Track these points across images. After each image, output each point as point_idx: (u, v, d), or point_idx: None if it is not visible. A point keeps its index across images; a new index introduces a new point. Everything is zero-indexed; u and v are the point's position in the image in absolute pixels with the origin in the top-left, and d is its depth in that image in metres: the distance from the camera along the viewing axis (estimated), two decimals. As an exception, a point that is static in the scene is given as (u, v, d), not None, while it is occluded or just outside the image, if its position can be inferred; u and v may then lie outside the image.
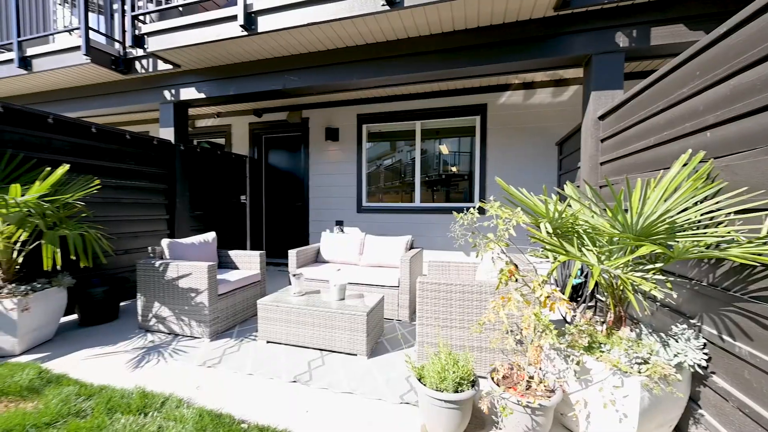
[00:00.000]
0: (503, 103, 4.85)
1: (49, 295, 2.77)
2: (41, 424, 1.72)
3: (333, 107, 5.69)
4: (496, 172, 4.86)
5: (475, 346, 2.24)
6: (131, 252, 3.96)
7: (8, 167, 2.80)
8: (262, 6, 3.12)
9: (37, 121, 3.12)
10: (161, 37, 3.59)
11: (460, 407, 1.63)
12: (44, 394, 2.01)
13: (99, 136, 3.63)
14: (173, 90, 4.35)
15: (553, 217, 1.62)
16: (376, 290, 3.38)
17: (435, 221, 5.20)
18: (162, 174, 4.36)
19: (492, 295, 2.13)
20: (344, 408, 1.96)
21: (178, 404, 1.93)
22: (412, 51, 3.37)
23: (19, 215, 2.47)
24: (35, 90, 5.09)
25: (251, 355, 2.62)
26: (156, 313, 3.07)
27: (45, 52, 4.18)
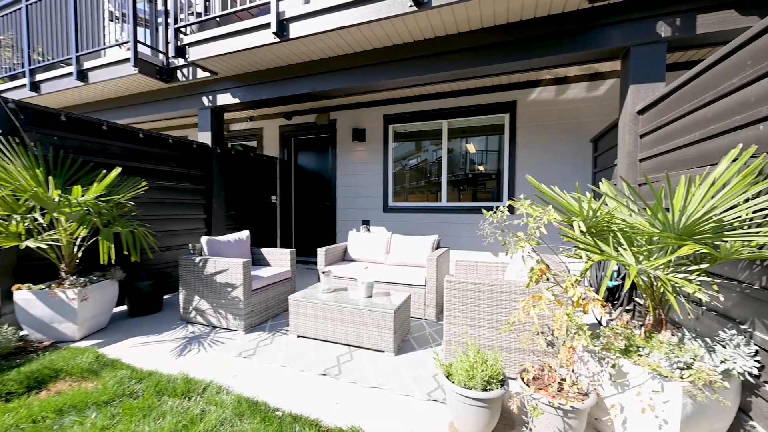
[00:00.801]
0: (534, 100, 4.72)
1: (103, 287, 3.03)
2: (100, 402, 1.90)
3: (360, 108, 5.78)
4: (526, 170, 4.74)
5: (504, 346, 2.21)
6: (173, 249, 4.23)
7: (70, 170, 3.10)
8: (293, 13, 3.24)
9: (93, 128, 3.42)
10: (200, 47, 3.81)
11: (489, 406, 1.63)
12: (102, 375, 2.22)
13: (145, 141, 3.92)
14: (210, 96, 4.61)
15: (587, 215, 1.58)
16: (402, 289, 3.41)
17: (462, 221, 5.15)
18: (200, 176, 4.63)
19: (521, 294, 2.10)
20: (373, 402, 2.01)
21: (218, 391, 2.06)
22: (438, 50, 3.37)
23: (80, 214, 2.72)
24: (89, 100, 5.56)
25: (283, 348, 2.73)
26: (196, 306, 3.27)
27: (99, 65, 4.57)
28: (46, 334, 2.81)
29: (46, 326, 2.78)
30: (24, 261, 2.89)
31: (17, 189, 2.56)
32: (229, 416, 1.79)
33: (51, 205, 2.58)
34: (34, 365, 2.32)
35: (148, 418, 1.76)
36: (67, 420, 1.75)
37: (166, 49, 4.45)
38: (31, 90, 5.09)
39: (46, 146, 3.00)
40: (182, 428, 1.68)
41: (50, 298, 2.72)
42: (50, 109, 3.07)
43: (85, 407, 1.86)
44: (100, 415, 1.79)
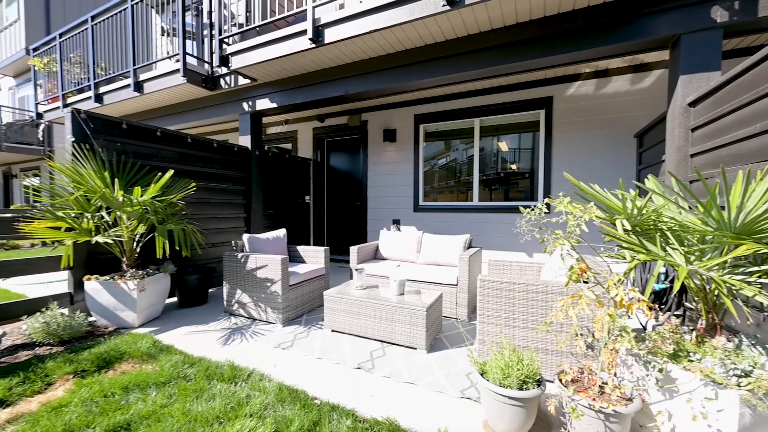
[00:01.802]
0: (572, 95, 4.53)
1: (158, 280, 3.32)
2: (159, 383, 2.10)
3: (390, 109, 5.84)
4: (563, 168, 4.56)
5: (540, 347, 2.16)
6: (216, 245, 4.52)
7: (130, 173, 3.42)
8: (328, 19, 3.36)
9: (149, 134, 3.74)
10: (242, 56, 4.05)
11: (525, 405, 1.61)
12: (159, 359, 2.44)
13: (193, 145, 4.22)
14: (250, 101, 4.87)
15: (632, 213, 1.52)
16: (433, 288, 3.42)
17: (494, 220, 5.05)
18: (241, 177, 4.91)
19: (559, 295, 2.05)
20: (406, 397, 2.05)
21: (261, 378, 2.19)
22: (471, 48, 3.35)
23: (139, 212, 3.00)
24: (143, 108, 6.08)
25: (318, 342, 2.84)
26: (238, 299, 3.48)
27: (152, 76, 4.98)
28: (110, 321, 3.13)
29: (110, 313, 3.09)
30: (92, 255, 3.24)
31: (89, 190, 2.88)
32: (271, 401, 1.90)
33: (116, 205, 2.88)
34: (102, 347, 2.59)
35: (200, 399, 1.92)
36: (132, 397, 1.95)
37: (210, 59, 4.77)
38: (96, 101, 5.65)
39: (111, 151, 3.34)
40: (230, 410, 1.82)
41: (114, 288, 3.03)
42: (114, 118, 3.41)
43: (146, 386, 2.06)
44: (159, 394, 1.97)
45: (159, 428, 1.66)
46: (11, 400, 1.95)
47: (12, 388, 2.04)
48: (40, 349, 2.67)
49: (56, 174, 3.03)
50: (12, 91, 12.27)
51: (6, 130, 10.12)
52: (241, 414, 1.78)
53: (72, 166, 2.93)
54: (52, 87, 6.75)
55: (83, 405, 1.86)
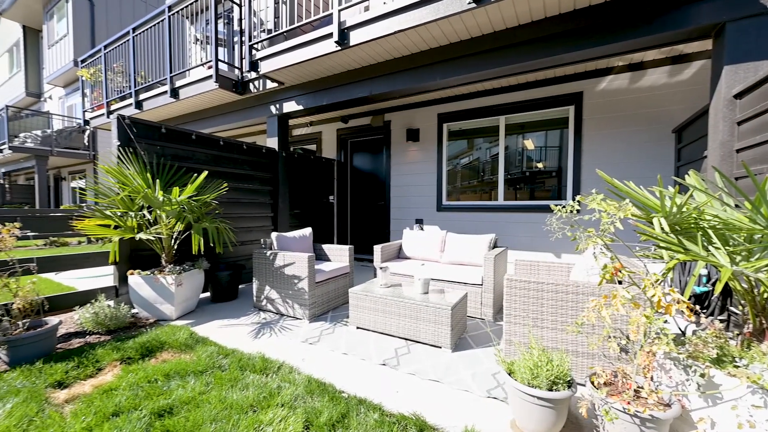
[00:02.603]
0: (603, 90, 4.36)
1: (193, 275, 3.50)
2: (197, 371, 2.23)
3: (413, 108, 5.85)
4: (594, 166, 4.40)
5: (570, 349, 2.11)
6: (245, 244, 4.70)
7: (168, 174, 3.62)
8: (354, 21, 3.42)
9: (185, 138, 3.96)
10: (270, 61, 4.20)
11: (555, 406, 1.58)
12: (196, 350, 2.58)
13: (224, 148, 4.42)
14: (278, 104, 5.03)
15: (670, 211, 1.46)
16: (457, 287, 3.40)
17: (519, 220, 4.94)
18: (268, 177, 5.08)
19: (590, 296, 1.99)
20: (432, 394, 2.06)
21: (290, 370, 2.27)
22: (497, 45, 3.30)
23: (177, 211, 3.19)
24: (178, 114, 6.41)
25: (344, 338, 2.90)
26: (267, 295, 3.61)
27: (186, 83, 5.25)
28: (150, 313, 3.34)
29: (150, 306, 3.30)
30: (135, 251, 3.47)
31: (133, 191, 3.09)
32: (301, 393, 1.97)
33: (157, 204, 3.07)
34: (144, 337, 2.77)
35: (235, 388, 2.02)
36: (173, 383, 2.08)
37: (240, 65, 4.97)
38: (136, 108, 6.03)
39: (151, 154, 3.56)
40: (263, 399, 1.90)
41: (154, 282, 3.23)
42: (154, 123, 3.64)
43: (185, 374, 2.19)
44: (197, 382, 2.09)
45: (199, 413, 1.76)
46: (68, 382, 2.14)
47: (68, 371, 2.23)
48: (90, 337, 2.89)
49: (103, 175, 3.27)
50: (61, 100, 13.29)
51: (57, 137, 10.98)
52: (273, 403, 1.86)
53: (118, 169, 3.15)
54: (98, 95, 7.26)
55: (130, 389, 2.00)
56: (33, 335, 2.39)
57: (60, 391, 2.05)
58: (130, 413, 1.76)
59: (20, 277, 2.59)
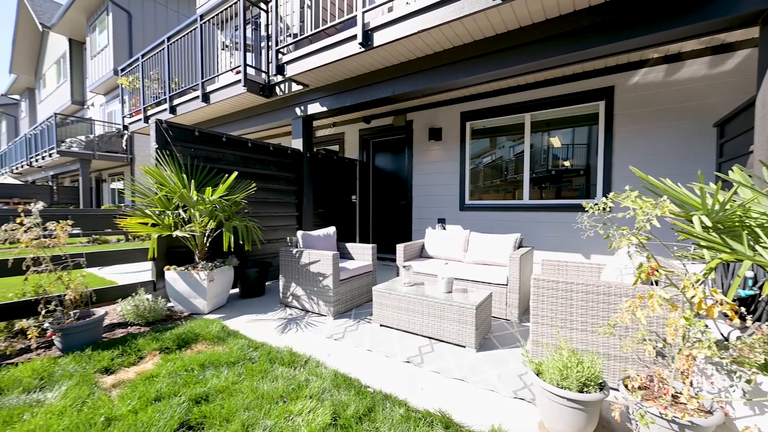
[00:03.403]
0: (636, 84, 4.18)
1: (224, 272, 3.66)
2: (229, 362, 2.33)
3: (436, 107, 5.83)
4: (626, 163, 4.22)
5: (600, 352, 2.04)
6: (272, 242, 4.85)
7: (200, 175, 3.80)
8: (377, 23, 3.46)
9: (216, 140, 4.14)
10: (296, 64, 4.32)
11: (586, 409, 1.55)
12: (227, 342, 2.70)
13: (252, 149, 4.58)
14: (303, 106, 5.16)
15: (712, 208, 1.39)
16: (481, 287, 3.36)
17: (545, 219, 4.81)
18: (293, 178, 5.21)
19: (622, 297, 1.92)
20: (457, 392, 2.05)
21: (317, 365, 2.34)
22: (523, 41, 3.23)
23: (209, 210, 3.34)
24: (208, 117, 6.70)
25: (368, 335, 2.95)
26: (292, 292, 3.72)
27: (216, 87, 5.48)
28: (185, 306, 3.52)
29: (185, 300, 3.48)
30: (170, 248, 3.66)
31: (170, 191, 3.27)
32: (328, 386, 2.03)
33: (191, 203, 3.23)
34: (180, 329, 2.93)
35: (265, 379, 2.11)
36: (208, 373, 2.19)
37: (267, 69, 5.14)
38: (170, 112, 6.36)
39: (185, 156, 3.75)
40: (292, 391, 1.97)
41: (188, 277, 3.40)
42: (188, 127, 3.83)
43: (219, 365, 2.30)
44: (230, 372, 2.19)
45: (233, 402, 1.85)
46: (114, 369, 2.30)
47: (114, 359, 2.40)
48: (131, 328, 3.09)
49: (141, 176, 3.49)
50: (102, 107, 14.20)
51: (98, 141, 11.75)
52: (302, 395, 1.92)
53: (157, 170, 3.35)
54: (135, 102, 7.70)
55: (170, 377, 2.13)
56: (83, 324, 2.58)
57: (107, 377, 2.21)
58: (171, 399, 1.87)
59: (71, 271, 2.80)
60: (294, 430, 1.64)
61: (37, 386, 2.05)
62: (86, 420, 1.68)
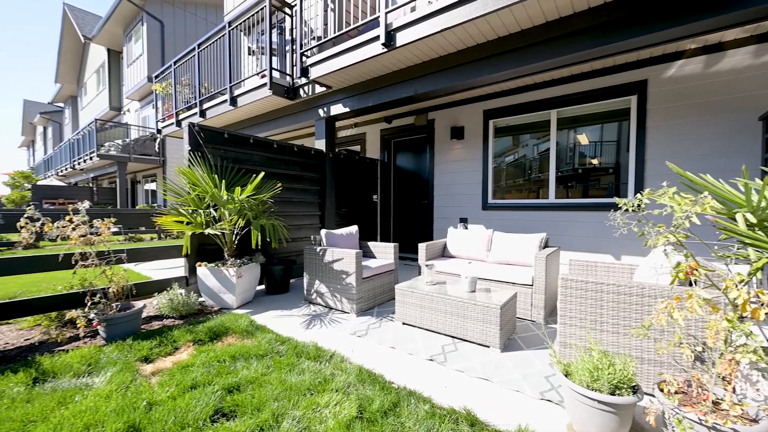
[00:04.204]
0: (672, 76, 3.98)
1: (251, 269, 3.79)
2: (258, 355, 2.42)
3: (458, 106, 5.78)
4: (660, 160, 4.03)
5: (633, 355, 1.97)
6: (296, 240, 4.97)
7: (229, 175, 3.96)
8: (400, 23, 3.48)
9: (243, 142, 4.29)
10: (319, 66, 4.41)
11: (618, 412, 1.50)
12: (256, 336, 2.80)
13: (277, 150, 4.72)
14: (325, 108, 5.25)
15: (758, 205, 1.31)
16: (505, 287, 3.31)
17: (572, 219, 4.67)
18: (316, 178, 5.32)
19: (657, 299, 1.84)
20: (481, 392, 2.04)
21: (342, 360, 2.39)
22: (550, 36, 3.15)
23: (238, 208, 3.48)
24: (235, 120, 6.95)
25: (391, 333, 2.97)
26: (316, 289, 3.80)
27: (243, 91, 5.67)
28: (215, 301, 3.67)
29: (215, 295, 3.63)
30: (202, 245, 3.84)
31: (202, 190, 3.43)
32: (353, 381, 2.07)
33: (222, 202, 3.38)
34: (211, 323, 3.07)
35: (292, 372, 2.18)
36: (239, 364, 2.29)
37: (291, 72, 5.27)
38: (200, 116, 6.64)
39: (215, 157, 3.91)
40: (319, 384, 2.03)
41: (218, 273, 3.55)
42: (218, 129, 4.00)
43: (248, 357, 2.39)
44: (259, 364, 2.28)
45: (263, 392, 1.93)
46: (152, 358, 2.44)
47: (152, 348, 2.54)
48: (166, 320, 3.26)
49: (175, 177, 3.67)
50: (137, 112, 15.01)
51: (134, 144, 12.43)
52: (328, 388, 1.97)
53: (191, 171, 3.52)
54: (168, 106, 8.10)
55: (203, 367, 2.24)
56: (125, 315, 2.76)
57: (146, 365, 2.35)
58: (205, 387, 1.97)
59: (114, 266, 3.00)
60: (321, 421, 1.68)
61: (85, 371, 2.21)
62: (130, 403, 1.80)
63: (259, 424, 1.66)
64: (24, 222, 2.58)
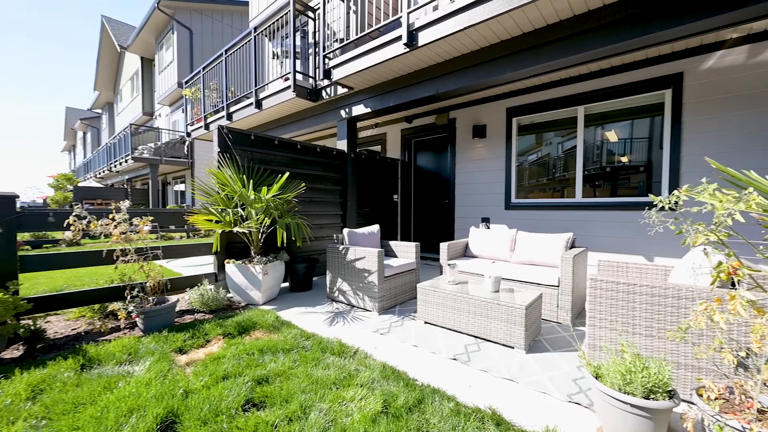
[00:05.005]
0: (711, 68, 3.77)
1: (276, 266, 3.90)
2: (285, 349, 2.50)
3: (480, 104, 5.71)
4: (698, 157, 3.82)
5: (669, 360, 1.89)
6: (318, 239, 5.07)
7: (255, 176, 4.09)
8: (422, 22, 3.49)
9: (269, 143, 4.42)
10: (342, 68, 4.47)
11: (653, 417, 1.45)
12: (282, 331, 2.89)
13: (301, 151, 4.83)
14: (347, 108, 5.33)
15: (810, 202, 1.23)
16: (529, 288, 3.24)
17: (600, 219, 4.51)
18: (338, 177, 5.40)
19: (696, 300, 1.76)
20: (507, 392, 2.02)
21: (365, 356, 2.42)
22: (578, 30, 3.06)
23: (264, 207, 3.59)
24: (260, 122, 7.15)
25: (413, 331, 2.98)
26: (338, 287, 3.86)
27: (268, 94, 5.84)
28: (242, 297, 3.81)
29: (242, 291, 3.77)
30: (230, 243, 3.99)
31: (231, 190, 3.57)
32: (377, 377, 2.10)
33: (249, 202, 3.50)
34: (239, 318, 3.18)
35: (318, 366, 2.23)
36: (266, 358, 2.37)
37: (314, 74, 5.38)
38: (227, 119, 6.89)
39: (243, 158, 4.06)
40: (344, 378, 2.07)
41: (246, 270, 3.68)
42: (245, 131, 4.14)
43: (275, 351, 2.47)
44: (286, 358, 2.35)
45: (290, 384, 1.99)
46: (186, 349, 2.57)
47: (185, 340, 2.67)
48: (197, 314, 3.42)
49: (205, 177, 3.83)
50: (168, 117, 15.73)
51: (164, 147, 13.04)
52: (353, 383, 2.01)
53: (221, 172, 3.67)
54: (197, 110, 8.45)
55: (234, 359, 2.34)
56: (161, 309, 2.92)
57: (181, 356, 2.47)
58: (236, 378, 2.06)
59: (150, 262, 3.17)
60: (347, 414, 1.72)
61: (126, 360, 2.35)
62: (168, 391, 1.90)
63: (288, 414, 1.71)
64: (72, 220, 2.77)
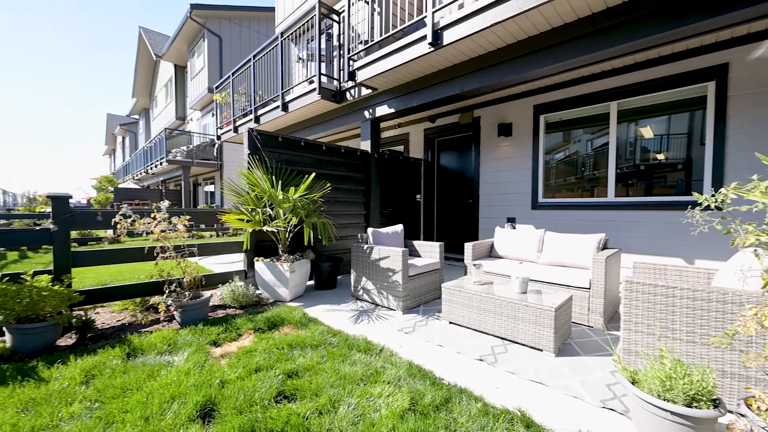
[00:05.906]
0: (760, 58, 3.51)
1: (302, 265, 4.00)
2: (312, 345, 2.57)
3: (506, 102, 5.60)
4: (744, 153, 3.57)
5: (713, 367, 1.79)
6: (342, 239, 5.15)
7: (283, 176, 4.22)
8: (447, 21, 3.47)
9: (295, 144, 4.55)
10: (366, 69, 4.53)
11: (697, 426, 1.38)
12: (309, 327, 2.97)
13: (326, 152, 4.93)
14: (371, 109, 5.38)
15: None
16: (558, 289, 3.16)
17: (634, 219, 4.31)
18: (362, 178, 5.46)
19: (745, 305, 1.66)
20: (536, 395, 1.98)
21: (391, 354, 2.45)
22: (612, 23, 2.95)
23: (291, 207, 3.70)
24: (286, 124, 7.35)
25: (437, 331, 2.98)
26: (363, 286, 3.91)
27: (294, 97, 6.00)
28: (270, 294, 3.94)
29: (270, 288, 3.89)
30: (259, 242, 4.14)
31: (261, 191, 3.70)
32: (403, 375, 2.12)
33: (278, 202, 3.62)
34: (268, 314, 3.30)
35: (345, 363, 2.28)
36: (295, 352, 2.45)
37: (339, 76, 5.47)
38: (255, 122, 7.14)
39: (271, 160, 4.20)
40: (370, 375, 2.10)
41: (274, 268, 3.80)
42: (273, 133, 4.28)
43: (304, 346, 2.54)
44: (314, 353, 2.42)
45: (319, 379, 2.05)
46: (220, 342, 2.69)
47: (219, 334, 2.80)
48: (229, 310, 3.57)
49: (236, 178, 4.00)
50: (198, 121, 16.46)
51: (196, 150, 13.66)
52: (380, 380, 2.04)
53: (251, 173, 3.81)
54: (226, 114, 8.80)
55: (265, 353, 2.43)
56: (197, 303, 3.07)
57: (215, 348, 2.60)
58: (268, 371, 2.14)
59: (187, 259, 3.35)
60: (375, 409, 1.75)
61: (166, 351, 2.50)
62: (206, 381, 2.01)
63: (318, 407, 1.77)
64: (119, 218, 2.98)
